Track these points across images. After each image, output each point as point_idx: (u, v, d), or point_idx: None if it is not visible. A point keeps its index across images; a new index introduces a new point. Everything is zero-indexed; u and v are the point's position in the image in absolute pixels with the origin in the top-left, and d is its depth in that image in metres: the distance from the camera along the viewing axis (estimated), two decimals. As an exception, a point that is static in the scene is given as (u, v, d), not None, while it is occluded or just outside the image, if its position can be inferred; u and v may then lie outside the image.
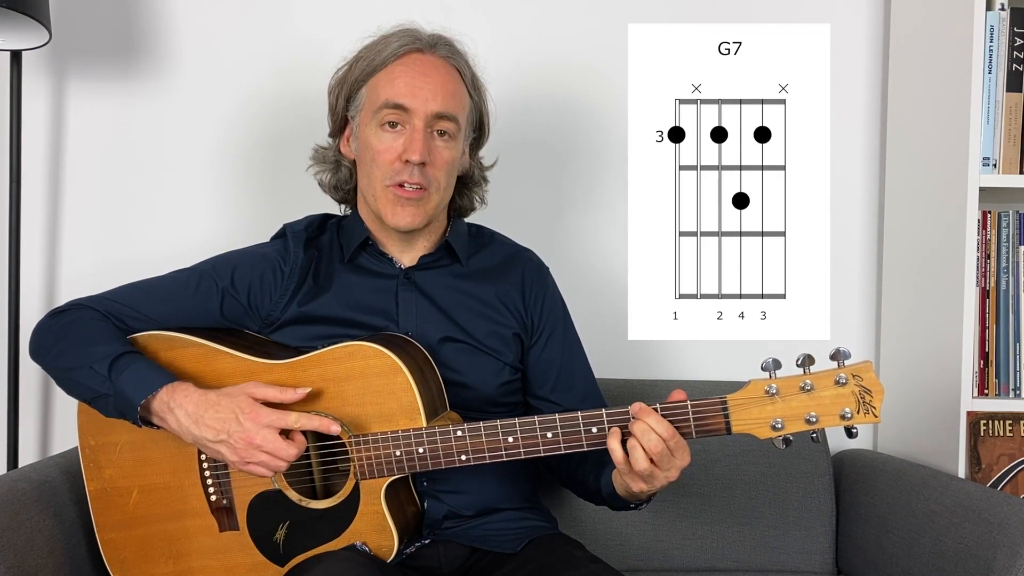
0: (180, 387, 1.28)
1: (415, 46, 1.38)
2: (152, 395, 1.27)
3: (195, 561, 1.35)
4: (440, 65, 1.38)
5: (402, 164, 1.35)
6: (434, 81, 1.36)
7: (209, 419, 1.25)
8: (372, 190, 1.39)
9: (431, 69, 1.37)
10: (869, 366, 1.16)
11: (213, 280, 1.42)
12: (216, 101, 1.91)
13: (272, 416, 1.24)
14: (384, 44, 1.39)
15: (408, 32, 1.40)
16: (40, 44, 1.74)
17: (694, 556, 1.72)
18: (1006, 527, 1.33)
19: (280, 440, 1.23)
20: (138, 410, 1.27)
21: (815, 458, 1.74)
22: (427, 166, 1.36)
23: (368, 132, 1.38)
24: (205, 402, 1.26)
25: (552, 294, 1.51)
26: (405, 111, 1.35)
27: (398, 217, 1.37)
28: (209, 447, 1.26)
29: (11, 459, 1.77)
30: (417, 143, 1.34)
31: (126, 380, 1.27)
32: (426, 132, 1.36)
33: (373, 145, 1.37)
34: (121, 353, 1.30)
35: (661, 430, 1.18)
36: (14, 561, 1.26)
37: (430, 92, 1.35)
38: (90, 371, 1.29)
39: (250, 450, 1.23)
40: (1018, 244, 1.68)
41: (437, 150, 1.37)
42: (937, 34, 1.73)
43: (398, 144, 1.36)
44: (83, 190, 1.92)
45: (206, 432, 1.25)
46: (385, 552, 1.28)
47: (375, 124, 1.37)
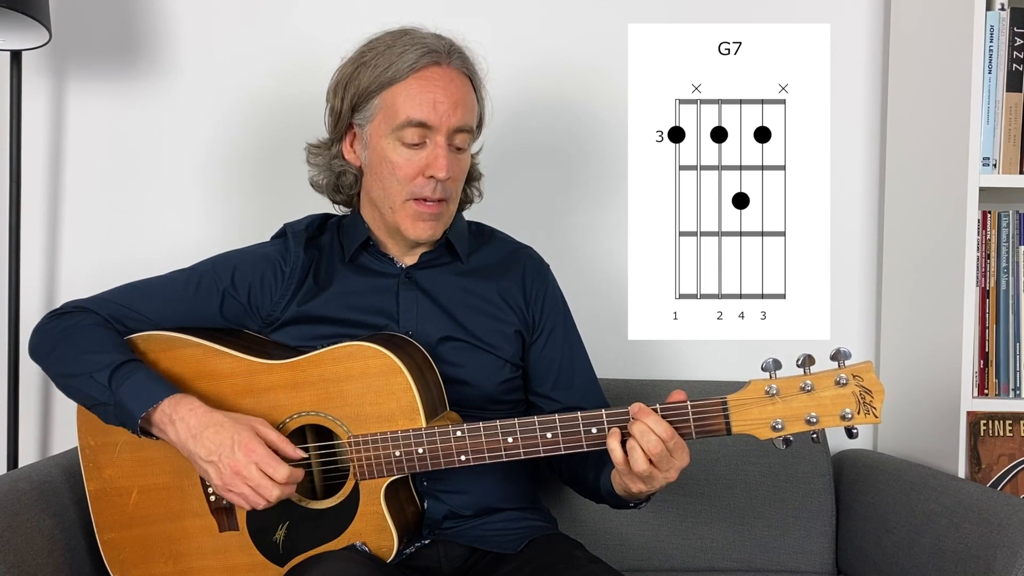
0: (184, 400, 1.27)
1: (433, 58, 1.35)
2: (154, 407, 1.26)
3: (195, 561, 1.35)
4: (456, 77, 1.37)
5: (425, 179, 1.35)
6: (454, 96, 1.35)
7: (207, 438, 1.24)
8: (390, 202, 1.38)
9: (450, 83, 1.35)
10: (869, 366, 1.16)
11: (213, 281, 1.41)
12: (216, 101, 1.91)
13: (264, 456, 1.23)
14: (398, 54, 1.35)
15: (421, 41, 1.36)
16: (40, 44, 1.74)
17: (694, 556, 1.72)
18: (1006, 527, 1.33)
19: (266, 479, 1.22)
20: (139, 422, 1.26)
21: (815, 458, 1.74)
22: (447, 180, 1.36)
23: (386, 145, 1.36)
24: (209, 420, 1.25)
25: (553, 291, 1.51)
26: (428, 128, 1.34)
27: (419, 231, 1.37)
28: (199, 464, 1.26)
29: (11, 459, 1.77)
30: (442, 160, 1.34)
31: (127, 391, 1.27)
32: (448, 147, 1.35)
33: (392, 159, 1.36)
34: (122, 362, 1.29)
35: (660, 431, 1.18)
36: (14, 561, 1.26)
37: (451, 107, 1.34)
38: (90, 380, 1.29)
39: (235, 480, 1.23)
40: (1018, 244, 1.68)
41: (456, 163, 1.37)
42: (937, 34, 1.72)
43: (419, 159, 1.35)
44: (83, 190, 1.92)
45: (200, 449, 1.24)
46: (385, 552, 1.28)
47: (394, 139, 1.35)
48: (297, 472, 1.24)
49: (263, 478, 1.22)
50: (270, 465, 1.22)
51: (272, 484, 1.22)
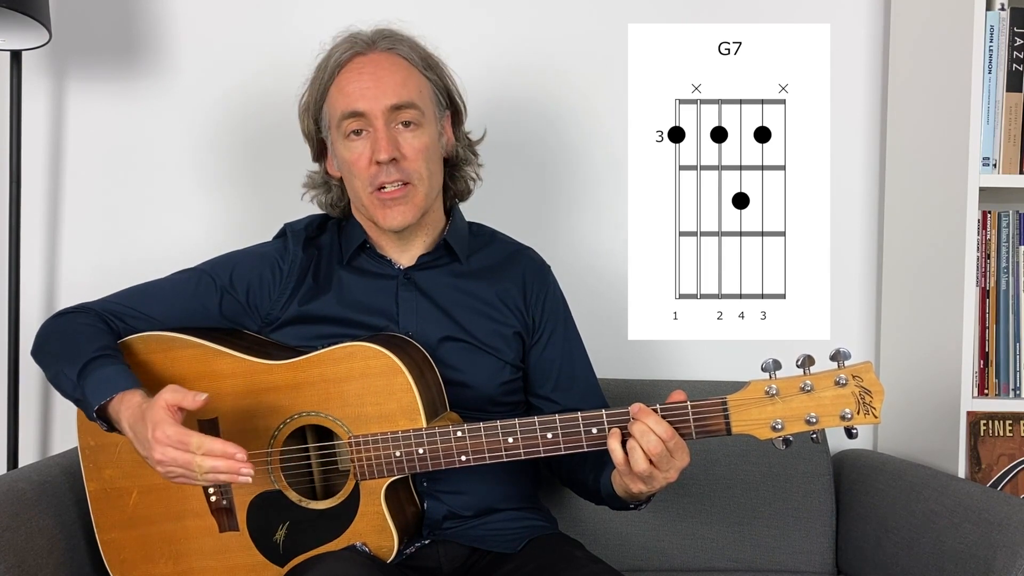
0: (128, 395, 1.23)
1: (355, 50, 1.38)
2: (108, 401, 1.24)
3: (195, 561, 1.35)
4: (382, 59, 1.38)
5: (376, 167, 1.35)
6: (380, 77, 1.36)
7: (137, 432, 1.20)
8: (359, 200, 1.40)
9: (374, 67, 1.37)
10: (869, 367, 1.16)
11: (212, 279, 1.42)
12: (216, 101, 1.91)
13: (173, 436, 1.16)
14: (328, 57, 1.40)
15: (347, 38, 1.40)
16: (40, 44, 1.74)
17: (694, 556, 1.72)
18: (1006, 527, 1.33)
19: (187, 455, 1.15)
20: (94, 415, 1.25)
21: (815, 458, 1.74)
22: (401, 161, 1.35)
23: (339, 147, 1.39)
24: (137, 414, 1.20)
25: (553, 293, 1.51)
26: (362, 116, 1.35)
27: (389, 219, 1.37)
28: (149, 464, 1.22)
29: (11, 459, 1.77)
30: (382, 142, 1.34)
31: (90, 385, 1.25)
32: (389, 128, 1.35)
33: (346, 157, 1.38)
34: (93, 357, 1.27)
35: (660, 431, 1.18)
36: (14, 561, 1.26)
37: (379, 89, 1.35)
38: (64, 376, 1.29)
39: (168, 468, 1.18)
40: (1018, 244, 1.68)
41: (406, 142, 1.37)
42: (937, 34, 1.72)
43: (366, 149, 1.36)
44: (83, 190, 1.92)
45: (138, 446, 1.22)
46: (385, 552, 1.28)
47: (341, 137, 1.38)
48: (208, 439, 1.15)
49: (184, 455, 1.15)
50: (182, 441, 1.15)
51: (196, 457, 1.15)
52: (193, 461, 1.16)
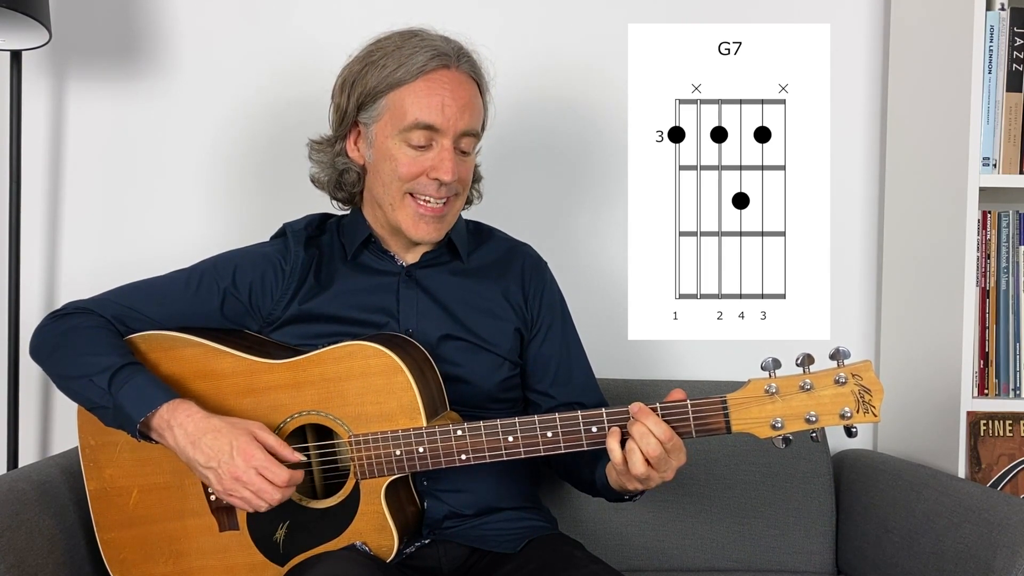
0: (182, 406, 1.27)
1: (442, 61, 1.35)
2: (152, 412, 1.26)
3: (195, 561, 1.35)
4: (464, 81, 1.37)
5: (428, 180, 1.35)
6: (462, 100, 1.35)
7: (205, 444, 1.24)
8: (390, 199, 1.38)
9: (458, 87, 1.36)
10: (868, 365, 1.16)
11: (214, 280, 1.42)
12: (216, 102, 1.92)
13: (263, 461, 1.23)
14: (407, 55, 1.35)
15: (430, 43, 1.36)
16: (40, 44, 1.74)
17: (694, 556, 1.72)
18: (1006, 527, 1.33)
19: (266, 483, 1.22)
20: (137, 427, 1.26)
21: (815, 458, 1.74)
22: (453, 182, 1.36)
23: (391, 145, 1.36)
24: (206, 426, 1.25)
25: (551, 288, 1.52)
26: (435, 131, 1.35)
27: (421, 232, 1.38)
28: (198, 470, 1.26)
29: (11, 459, 1.77)
30: (448, 163, 1.34)
31: (126, 395, 1.27)
32: (454, 151, 1.36)
33: (397, 158, 1.36)
34: (121, 366, 1.29)
35: (659, 433, 1.18)
36: (14, 561, 1.26)
37: (459, 111, 1.34)
38: (90, 383, 1.29)
39: (235, 485, 1.23)
40: (1018, 244, 1.68)
41: (463, 164, 1.38)
42: (937, 34, 1.73)
43: (425, 161, 1.35)
44: (83, 190, 1.92)
45: (199, 455, 1.24)
46: (385, 552, 1.28)
47: (400, 140, 1.35)
48: (296, 475, 1.24)
49: (263, 482, 1.22)
50: (269, 469, 1.22)
51: (272, 488, 1.23)
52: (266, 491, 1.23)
